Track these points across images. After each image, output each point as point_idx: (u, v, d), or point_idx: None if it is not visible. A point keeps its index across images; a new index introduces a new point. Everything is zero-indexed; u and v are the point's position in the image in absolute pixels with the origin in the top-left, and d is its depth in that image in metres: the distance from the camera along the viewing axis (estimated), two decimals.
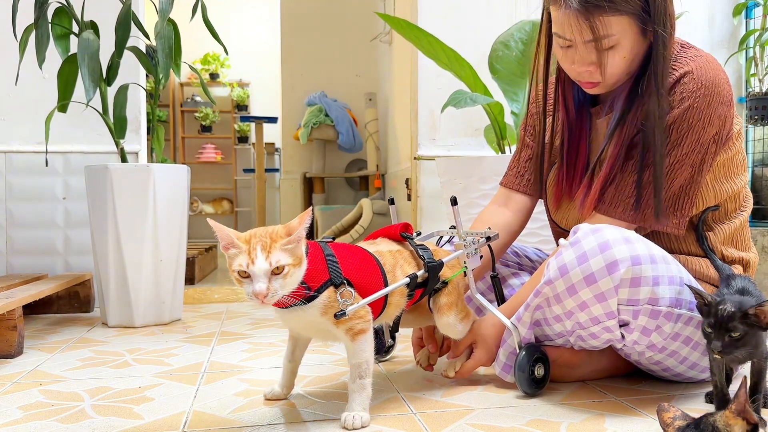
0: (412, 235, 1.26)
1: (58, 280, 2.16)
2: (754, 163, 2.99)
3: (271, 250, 0.98)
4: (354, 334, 1.08)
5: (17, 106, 2.45)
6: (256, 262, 0.97)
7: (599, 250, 1.11)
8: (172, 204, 2.07)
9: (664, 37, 1.19)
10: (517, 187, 1.49)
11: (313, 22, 5.28)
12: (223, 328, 2.00)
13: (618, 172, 1.27)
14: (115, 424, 1.10)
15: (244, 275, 0.99)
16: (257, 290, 0.97)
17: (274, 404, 1.21)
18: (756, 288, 1.11)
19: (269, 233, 1.00)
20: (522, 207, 1.49)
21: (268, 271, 0.97)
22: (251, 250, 0.98)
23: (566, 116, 1.38)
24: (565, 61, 1.26)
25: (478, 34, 2.63)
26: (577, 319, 1.18)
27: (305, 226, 1.01)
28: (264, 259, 0.97)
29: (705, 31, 2.93)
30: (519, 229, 1.50)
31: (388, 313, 1.18)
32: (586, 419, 1.10)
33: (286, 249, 0.99)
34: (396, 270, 1.18)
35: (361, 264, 1.12)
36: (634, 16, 1.17)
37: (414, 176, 2.80)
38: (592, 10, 1.15)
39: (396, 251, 1.21)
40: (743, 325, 0.98)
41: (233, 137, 7.19)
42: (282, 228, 1.02)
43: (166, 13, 1.96)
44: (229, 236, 1.00)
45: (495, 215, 1.49)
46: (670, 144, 1.22)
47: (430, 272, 1.20)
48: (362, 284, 1.10)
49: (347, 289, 1.06)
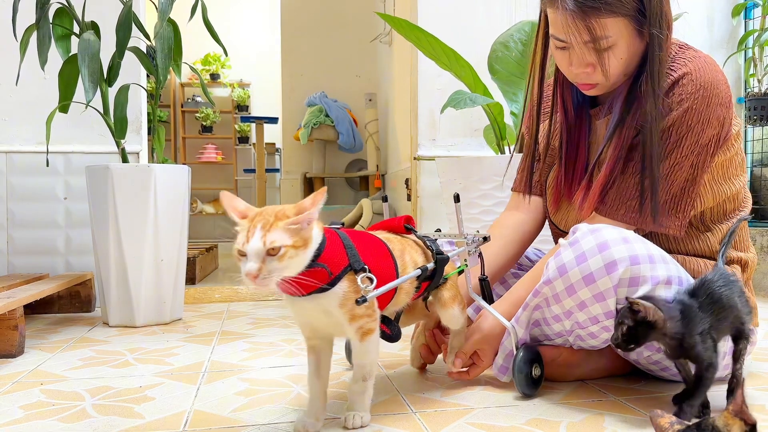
0: (414, 227, 1.25)
1: (59, 279, 2.16)
2: (754, 163, 2.99)
3: (271, 230, 0.93)
4: (363, 333, 1.04)
5: (18, 107, 2.45)
6: (251, 240, 0.92)
7: (598, 250, 1.12)
8: (172, 204, 2.07)
9: (659, 38, 1.19)
10: (528, 189, 1.50)
11: (313, 23, 5.29)
12: (223, 327, 2.00)
13: (618, 174, 1.27)
14: (115, 424, 1.11)
15: (241, 254, 0.94)
16: (246, 270, 0.92)
17: (275, 404, 1.21)
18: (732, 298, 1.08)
19: (276, 212, 0.95)
20: (536, 208, 1.50)
21: (262, 251, 0.92)
22: (250, 228, 0.93)
23: (565, 118, 1.38)
24: (563, 62, 1.26)
25: (477, 34, 2.63)
26: (576, 318, 1.19)
27: (319, 207, 0.95)
28: (259, 238, 0.92)
29: (704, 32, 2.94)
30: (534, 229, 1.50)
31: (397, 301, 1.14)
32: (586, 418, 1.11)
33: (290, 229, 0.94)
34: (404, 256, 1.15)
35: (374, 250, 1.09)
36: (630, 17, 1.17)
37: (414, 176, 2.80)
38: (588, 11, 1.15)
39: (402, 238, 1.19)
40: (629, 320, 1.04)
41: (234, 137, 7.20)
42: (293, 207, 0.97)
43: (165, 14, 1.96)
44: (232, 212, 0.96)
45: (507, 218, 1.50)
46: (670, 145, 1.22)
47: (439, 264, 1.19)
48: (377, 271, 1.05)
49: (368, 275, 1.02)
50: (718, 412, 0.80)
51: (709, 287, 1.08)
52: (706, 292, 1.07)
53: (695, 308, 1.06)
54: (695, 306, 1.06)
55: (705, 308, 1.06)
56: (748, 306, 1.12)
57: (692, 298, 1.08)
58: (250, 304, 2.51)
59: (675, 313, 1.05)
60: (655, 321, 1.03)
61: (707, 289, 1.08)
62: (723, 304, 1.07)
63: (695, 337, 1.04)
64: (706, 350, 1.04)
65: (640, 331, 1.04)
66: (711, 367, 1.05)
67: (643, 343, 1.05)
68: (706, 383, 1.05)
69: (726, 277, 1.10)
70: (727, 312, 1.07)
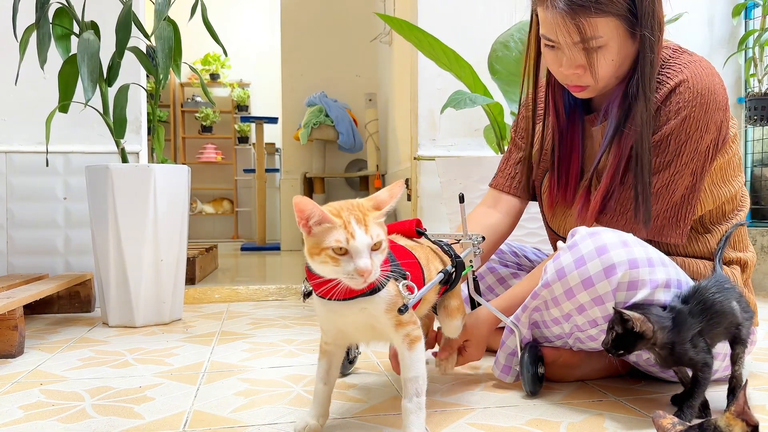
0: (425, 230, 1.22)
1: (58, 280, 2.16)
2: (754, 163, 2.99)
3: (368, 224, 0.89)
4: (411, 341, 0.98)
5: (18, 107, 2.45)
6: (357, 236, 0.87)
7: (596, 254, 1.11)
8: (172, 204, 2.07)
9: (651, 40, 1.18)
10: (507, 189, 1.48)
11: (313, 23, 5.29)
12: (223, 327, 2.00)
13: (618, 184, 1.25)
14: (115, 424, 1.11)
15: (340, 252, 0.88)
16: (363, 266, 0.86)
17: (275, 404, 1.21)
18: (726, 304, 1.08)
19: (358, 206, 0.91)
20: (511, 209, 1.48)
21: (370, 245, 0.88)
22: (347, 224, 0.88)
23: (557, 121, 1.36)
24: (553, 63, 1.25)
25: (477, 34, 2.63)
26: (575, 321, 1.18)
27: (396, 199, 0.93)
28: (364, 232, 0.88)
29: (704, 32, 2.93)
30: (507, 231, 1.48)
31: (420, 311, 1.11)
32: (586, 419, 1.11)
33: (380, 223, 0.91)
34: (429, 265, 1.13)
35: (406, 257, 1.06)
36: (621, 17, 1.15)
37: (414, 176, 2.80)
38: (578, 10, 1.13)
39: (420, 245, 1.17)
40: (619, 327, 1.05)
41: (233, 137, 7.20)
42: (368, 201, 0.93)
43: (162, 13, 1.96)
44: (320, 210, 0.89)
45: (484, 217, 1.48)
46: (669, 155, 1.21)
47: (458, 268, 1.17)
48: (411, 279, 1.01)
49: (409, 282, 0.97)
50: (720, 413, 0.80)
51: (702, 294, 1.08)
52: (699, 299, 1.08)
53: (685, 314, 1.06)
54: (686, 312, 1.06)
55: (696, 314, 1.06)
56: (748, 311, 1.12)
57: (685, 304, 1.08)
58: (250, 304, 2.51)
59: (666, 323, 1.05)
60: (643, 332, 1.04)
61: (700, 296, 1.08)
62: (716, 310, 1.07)
63: (686, 345, 1.04)
64: (699, 353, 1.05)
65: (628, 339, 1.05)
66: (706, 366, 1.05)
67: (632, 351, 1.06)
68: (704, 383, 1.06)
69: (720, 284, 1.09)
70: (721, 318, 1.07)
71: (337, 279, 0.91)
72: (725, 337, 1.11)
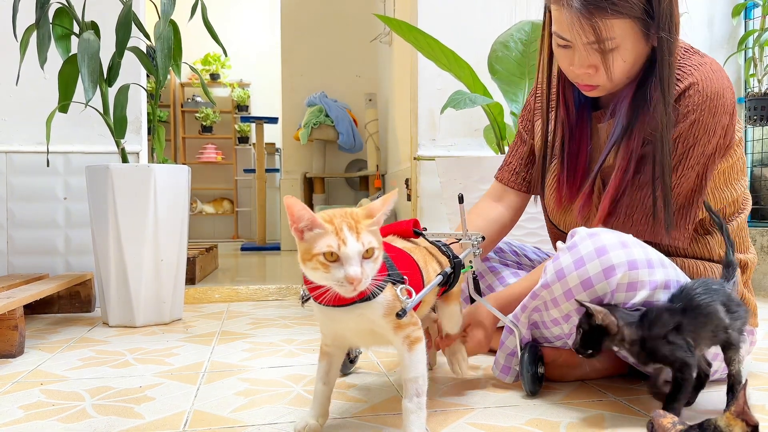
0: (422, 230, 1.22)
1: (58, 279, 2.16)
2: (754, 163, 2.99)
3: (360, 231, 0.89)
4: (411, 342, 0.98)
5: (18, 107, 2.45)
6: (348, 242, 0.87)
7: (596, 255, 1.11)
8: (172, 204, 2.07)
9: (669, 42, 1.16)
10: (512, 184, 1.50)
11: (313, 23, 5.29)
12: (223, 327, 2.00)
13: (628, 186, 1.24)
14: (115, 424, 1.11)
15: (331, 258, 0.88)
16: (353, 274, 0.86)
17: (275, 404, 1.21)
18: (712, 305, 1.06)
19: (350, 214, 0.91)
20: (515, 204, 1.50)
21: (361, 252, 0.88)
22: (338, 231, 0.88)
23: (566, 116, 1.36)
24: (564, 61, 1.24)
25: (477, 34, 2.63)
26: (574, 322, 1.18)
27: (390, 207, 0.93)
28: (355, 240, 0.87)
29: (704, 32, 2.94)
30: (510, 225, 1.51)
31: (420, 312, 1.11)
32: (586, 419, 1.11)
33: (372, 231, 0.90)
34: (428, 267, 1.13)
35: (404, 262, 1.06)
36: (637, 19, 1.14)
37: (414, 176, 2.80)
38: (594, 11, 1.12)
39: (418, 247, 1.17)
40: (585, 324, 1.07)
41: (234, 137, 7.21)
42: (361, 210, 0.93)
43: (168, 15, 1.97)
44: (310, 216, 0.88)
45: (489, 210, 1.50)
46: (676, 158, 1.20)
47: (456, 268, 1.18)
48: (410, 282, 1.01)
49: (407, 287, 0.98)
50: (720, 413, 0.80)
51: (687, 294, 1.07)
52: (683, 299, 1.07)
53: (660, 311, 1.05)
54: (661, 309, 1.06)
55: (676, 312, 1.05)
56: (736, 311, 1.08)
57: (669, 303, 1.08)
58: (250, 304, 2.51)
59: (632, 319, 1.05)
60: (606, 325, 1.04)
61: (685, 296, 1.07)
62: (702, 311, 1.05)
63: (658, 341, 1.03)
64: (676, 350, 1.03)
65: (595, 335, 1.06)
66: (685, 365, 1.03)
67: (600, 348, 1.07)
68: (685, 384, 1.03)
69: (707, 285, 1.08)
70: (705, 318, 1.05)
71: (327, 285, 0.90)
72: (714, 341, 1.08)
